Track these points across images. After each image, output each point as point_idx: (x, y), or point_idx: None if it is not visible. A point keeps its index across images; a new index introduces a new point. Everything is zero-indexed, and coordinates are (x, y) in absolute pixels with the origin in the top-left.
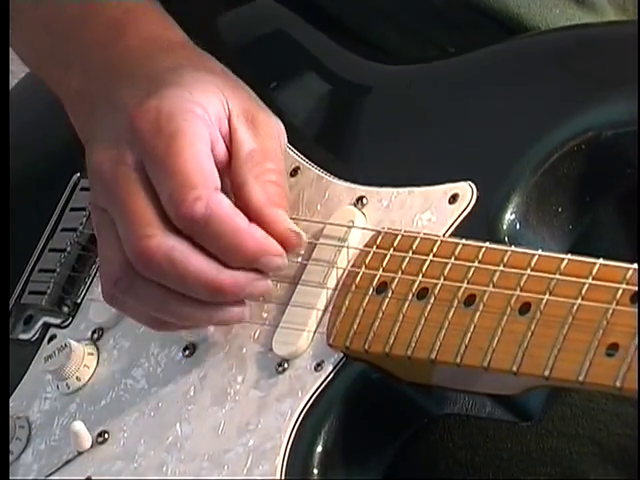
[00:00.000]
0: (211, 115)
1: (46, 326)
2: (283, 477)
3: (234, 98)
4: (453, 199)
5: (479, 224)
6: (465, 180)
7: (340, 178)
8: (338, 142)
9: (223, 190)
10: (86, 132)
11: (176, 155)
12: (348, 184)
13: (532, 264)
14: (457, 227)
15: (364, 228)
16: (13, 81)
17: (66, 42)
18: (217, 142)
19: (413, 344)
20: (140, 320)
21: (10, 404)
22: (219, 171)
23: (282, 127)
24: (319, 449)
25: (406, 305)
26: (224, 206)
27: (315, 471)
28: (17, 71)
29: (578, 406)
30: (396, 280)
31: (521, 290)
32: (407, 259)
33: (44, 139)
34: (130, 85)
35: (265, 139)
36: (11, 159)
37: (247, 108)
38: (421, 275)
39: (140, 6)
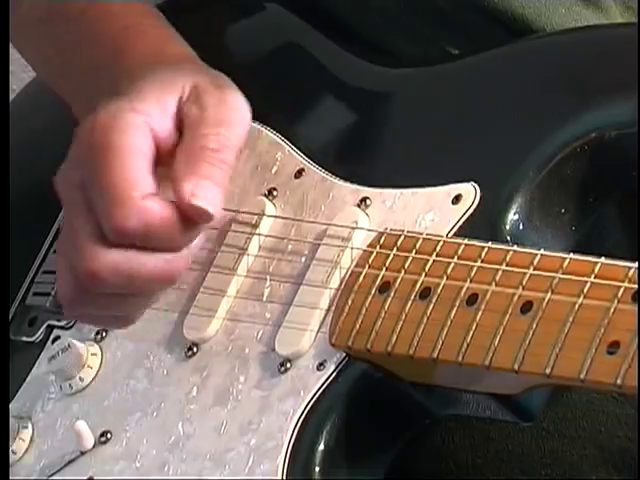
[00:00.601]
0: (155, 117)
1: (50, 327)
2: (285, 476)
3: (184, 81)
4: (456, 200)
5: (482, 224)
6: (468, 181)
7: (344, 180)
8: (342, 145)
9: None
10: None
11: (105, 172)
12: (352, 185)
13: (534, 263)
14: (460, 227)
15: (368, 229)
16: (13, 81)
17: (73, 63)
18: (166, 136)
19: (415, 343)
20: (105, 325)
21: (13, 405)
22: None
23: (238, 97)
24: (321, 448)
25: (408, 304)
26: (155, 214)
27: (317, 470)
28: (17, 71)
29: (579, 408)
30: (399, 280)
31: (523, 289)
32: (410, 259)
33: (46, 144)
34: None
35: (208, 108)
36: (15, 164)
37: (198, 85)
38: (424, 275)
39: (140, 21)
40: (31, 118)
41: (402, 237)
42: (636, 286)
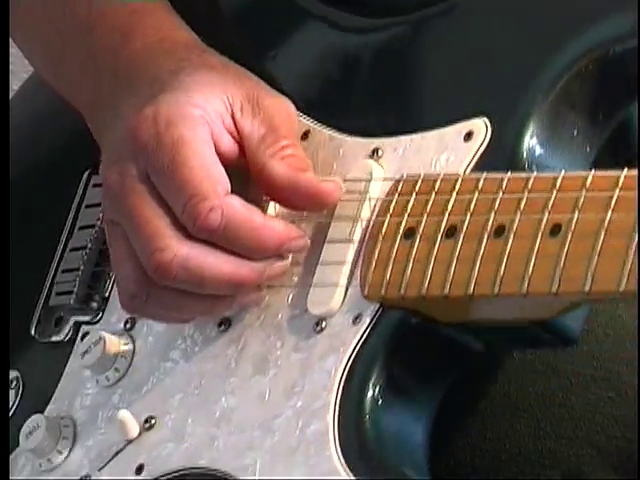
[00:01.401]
0: (211, 113)
1: (77, 325)
2: (336, 433)
3: (235, 89)
4: (468, 136)
5: (498, 156)
6: (478, 116)
7: (351, 134)
8: (344, 100)
9: (238, 184)
10: (99, 141)
11: (182, 165)
12: (360, 139)
13: (557, 185)
14: (476, 163)
15: (383, 178)
16: (13, 81)
17: (77, 48)
18: (221, 137)
19: (448, 283)
20: (162, 321)
21: (52, 406)
22: (230, 165)
23: (289, 103)
24: (368, 400)
25: (436, 245)
26: (238, 210)
27: (367, 422)
28: (17, 71)
29: (576, 409)
30: (423, 223)
31: (550, 213)
32: (431, 201)
33: (50, 139)
34: (132, 93)
35: (273, 119)
36: (20, 163)
37: (250, 95)
38: (447, 214)
39: (146, 6)
40: (24, 115)
41: (420, 181)
42: None
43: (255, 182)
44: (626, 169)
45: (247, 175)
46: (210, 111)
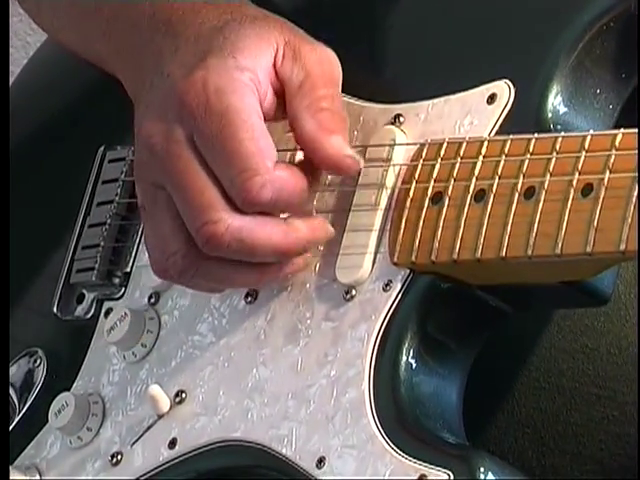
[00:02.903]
0: (259, 74)
1: (100, 301)
2: (372, 400)
3: (279, 36)
4: (491, 99)
5: (524, 118)
6: (500, 79)
7: (371, 101)
8: (362, 66)
9: (276, 132)
10: (134, 88)
11: (232, 137)
12: (381, 105)
13: (585, 146)
14: (501, 125)
15: (407, 144)
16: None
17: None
18: (267, 95)
19: (480, 246)
20: (204, 291)
21: (78, 382)
22: (273, 117)
23: (330, 52)
24: (402, 366)
25: (465, 209)
26: (287, 182)
27: (402, 387)
28: (17, 72)
29: (579, 425)
30: (450, 187)
31: (580, 173)
32: (458, 165)
33: (63, 115)
34: (176, 49)
35: (313, 67)
36: (34, 140)
37: (291, 41)
38: (475, 178)
39: None
40: (36, 92)
41: (444, 145)
42: None
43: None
44: None
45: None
46: (259, 71)
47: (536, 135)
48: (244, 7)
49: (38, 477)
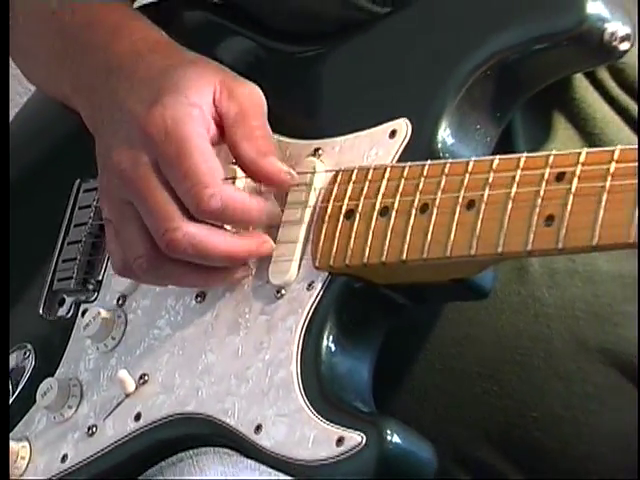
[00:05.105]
0: (205, 108)
1: (77, 304)
2: (300, 378)
3: (215, 78)
4: (392, 134)
5: (419, 148)
6: (400, 117)
7: (296, 137)
8: (289, 111)
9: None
10: (93, 122)
11: (187, 159)
12: (304, 141)
13: (469, 169)
14: (401, 155)
15: (325, 171)
16: (13, 83)
17: (76, 45)
18: (210, 127)
19: (385, 252)
20: (159, 285)
21: (61, 370)
22: (215, 144)
23: (257, 89)
24: (323, 349)
25: (373, 222)
26: (233, 195)
27: (323, 366)
28: (20, 75)
29: (466, 398)
30: (360, 205)
31: (465, 190)
32: (366, 187)
33: (45, 153)
34: (130, 89)
35: (244, 102)
36: (23, 173)
37: (225, 81)
38: (380, 197)
39: (132, 11)
40: (26, 130)
41: (355, 171)
42: (558, 170)
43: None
44: (525, 154)
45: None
46: (204, 107)
47: (429, 162)
48: (182, 53)
49: (28, 445)
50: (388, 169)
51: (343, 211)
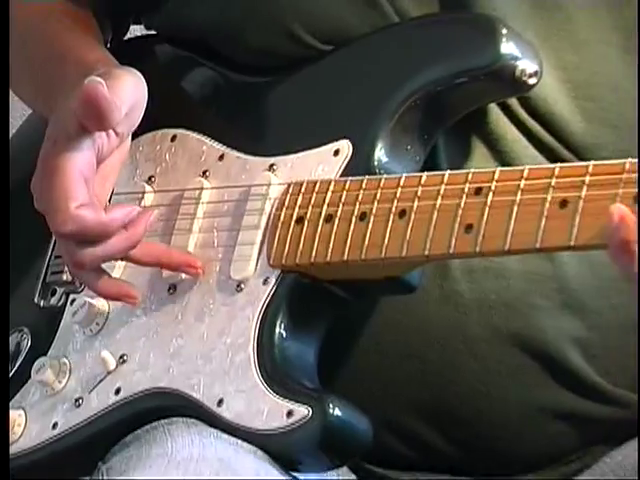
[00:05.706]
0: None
1: (67, 294)
2: (256, 359)
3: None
4: (336, 153)
5: (358, 165)
6: (343, 138)
7: (254, 155)
8: (248, 132)
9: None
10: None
11: (48, 186)
12: (261, 158)
13: (401, 183)
14: (343, 171)
15: (279, 184)
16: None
17: (53, 78)
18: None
19: (329, 253)
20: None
21: (52, 351)
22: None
23: (137, 75)
24: (276, 336)
25: (319, 228)
26: (86, 217)
27: (276, 349)
28: None
29: (396, 377)
30: (309, 213)
31: (398, 201)
32: (314, 197)
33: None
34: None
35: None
36: (17, 184)
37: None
38: (326, 206)
39: (100, 49)
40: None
41: (304, 184)
42: (477, 185)
43: None
44: (448, 171)
45: None
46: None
47: (367, 177)
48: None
49: (24, 414)
50: (332, 182)
51: (294, 218)
